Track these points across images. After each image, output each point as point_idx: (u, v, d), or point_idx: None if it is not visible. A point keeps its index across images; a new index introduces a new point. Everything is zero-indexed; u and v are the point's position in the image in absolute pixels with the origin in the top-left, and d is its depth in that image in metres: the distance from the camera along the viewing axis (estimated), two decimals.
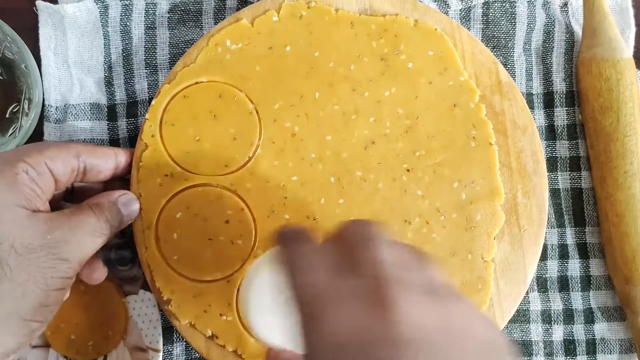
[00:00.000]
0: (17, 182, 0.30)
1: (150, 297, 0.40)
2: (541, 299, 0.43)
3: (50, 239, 0.30)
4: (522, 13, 0.43)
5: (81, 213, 0.32)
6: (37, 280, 0.30)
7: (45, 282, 0.30)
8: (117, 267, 0.40)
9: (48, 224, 0.30)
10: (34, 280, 0.29)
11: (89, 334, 0.41)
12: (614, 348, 0.43)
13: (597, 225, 0.43)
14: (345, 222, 0.28)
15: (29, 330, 0.30)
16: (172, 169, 0.38)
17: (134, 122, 0.42)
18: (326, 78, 0.39)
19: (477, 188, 0.39)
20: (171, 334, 0.42)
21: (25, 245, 0.29)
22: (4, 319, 0.29)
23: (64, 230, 0.31)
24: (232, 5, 0.42)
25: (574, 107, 0.44)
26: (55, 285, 0.31)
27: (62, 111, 0.42)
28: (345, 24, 0.40)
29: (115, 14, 0.42)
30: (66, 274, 0.31)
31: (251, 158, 0.39)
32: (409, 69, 0.40)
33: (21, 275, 0.29)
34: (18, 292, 0.29)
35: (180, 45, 0.42)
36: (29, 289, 0.29)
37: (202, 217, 0.38)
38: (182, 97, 0.39)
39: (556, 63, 0.44)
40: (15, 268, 0.29)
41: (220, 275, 0.38)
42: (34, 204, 0.31)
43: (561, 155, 0.44)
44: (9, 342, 0.29)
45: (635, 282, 0.41)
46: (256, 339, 0.32)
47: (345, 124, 0.39)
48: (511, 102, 0.40)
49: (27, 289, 0.29)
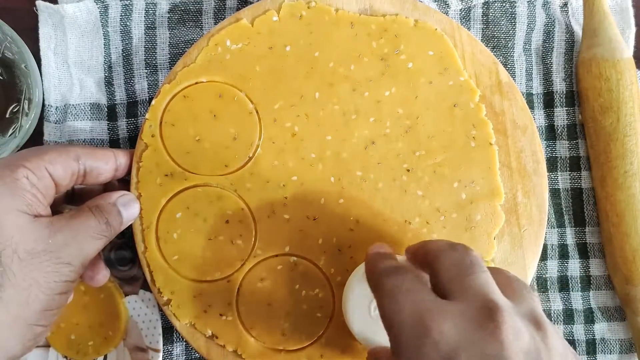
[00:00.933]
0: (17, 187, 0.30)
1: (150, 297, 0.40)
2: (541, 299, 0.43)
3: (53, 243, 0.30)
4: (522, 13, 0.43)
5: (82, 216, 0.32)
6: (40, 285, 0.30)
7: (48, 286, 0.30)
8: (117, 267, 0.40)
9: (50, 228, 0.30)
10: (37, 285, 0.29)
11: (89, 334, 0.41)
12: (614, 348, 0.43)
13: (597, 225, 0.43)
14: (437, 245, 0.30)
15: (34, 335, 0.30)
16: (172, 169, 0.38)
17: (134, 122, 0.42)
18: (326, 78, 0.39)
19: (477, 188, 0.39)
20: (171, 334, 0.42)
21: (28, 251, 0.29)
22: (9, 325, 0.29)
23: (65, 233, 0.31)
24: (232, 5, 0.42)
25: (574, 107, 0.44)
26: (59, 289, 0.31)
27: (62, 111, 0.42)
28: (345, 24, 0.40)
29: (115, 14, 0.42)
30: (69, 277, 0.31)
31: (251, 158, 0.39)
32: (409, 69, 0.40)
33: (25, 280, 0.29)
34: (22, 298, 0.29)
35: (180, 45, 0.42)
36: (33, 294, 0.29)
37: (202, 217, 0.38)
38: (182, 97, 0.39)
39: (556, 63, 0.44)
40: (18, 274, 0.29)
41: (220, 275, 0.38)
42: (35, 208, 0.31)
43: (561, 155, 0.44)
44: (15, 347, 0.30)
45: (635, 282, 0.41)
46: (358, 341, 0.35)
47: (346, 124, 0.39)
48: (511, 102, 0.40)
49: (31, 294, 0.29)
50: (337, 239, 0.39)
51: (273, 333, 0.38)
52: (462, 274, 0.27)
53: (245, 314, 0.38)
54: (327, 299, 0.38)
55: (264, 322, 0.38)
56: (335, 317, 0.38)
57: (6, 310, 0.29)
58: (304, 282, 0.38)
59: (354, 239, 0.39)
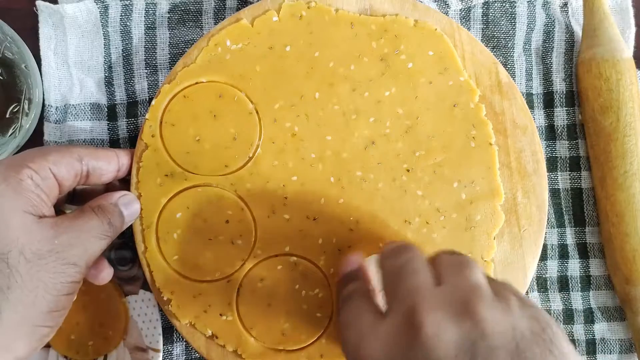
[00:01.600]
0: (22, 188, 0.30)
1: (150, 297, 0.40)
2: (541, 299, 0.43)
3: (58, 244, 0.30)
4: (522, 13, 0.43)
5: (85, 216, 0.32)
6: (47, 286, 0.30)
7: (55, 287, 0.30)
8: (117, 267, 0.40)
9: (55, 229, 0.30)
10: (44, 286, 0.29)
11: (89, 334, 0.41)
12: (614, 348, 0.43)
13: (597, 225, 0.43)
14: (383, 250, 0.32)
15: (40, 336, 0.30)
16: (172, 169, 0.38)
17: (134, 122, 0.42)
18: (326, 78, 0.39)
19: (477, 188, 0.39)
20: (171, 334, 0.42)
21: (34, 252, 0.29)
22: (16, 326, 0.29)
23: (70, 234, 0.31)
24: (232, 5, 0.42)
25: (574, 107, 0.44)
26: (65, 290, 0.31)
27: (62, 111, 0.42)
28: (345, 24, 0.40)
29: (115, 14, 0.42)
30: (75, 278, 0.31)
31: (251, 158, 0.39)
32: (409, 69, 0.40)
33: (32, 281, 0.29)
34: (29, 299, 0.29)
35: (180, 45, 0.42)
36: (40, 295, 0.29)
37: (202, 217, 0.38)
38: (182, 97, 0.39)
39: (556, 63, 0.44)
40: (25, 275, 0.29)
41: (220, 275, 0.38)
42: (40, 209, 0.31)
43: (561, 155, 0.44)
44: (21, 348, 0.30)
45: (635, 282, 0.41)
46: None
47: (345, 124, 0.39)
48: (511, 102, 0.40)
49: (37, 295, 0.29)
50: (337, 239, 0.39)
51: (273, 333, 0.38)
52: (394, 281, 0.28)
53: (245, 314, 0.38)
54: (327, 299, 0.38)
55: (264, 322, 0.38)
56: (335, 317, 0.38)
57: (13, 311, 0.29)
58: (304, 282, 0.38)
59: (354, 239, 0.39)
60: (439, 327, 0.24)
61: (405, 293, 0.26)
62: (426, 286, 0.26)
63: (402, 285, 0.27)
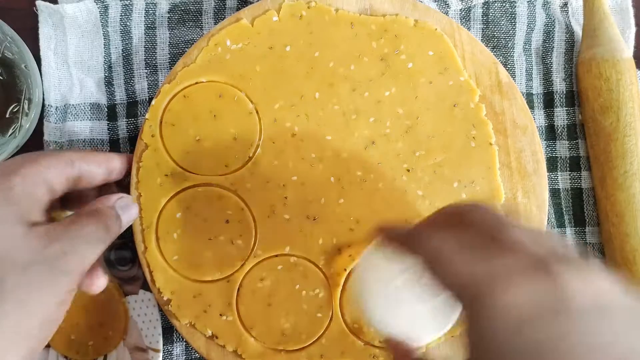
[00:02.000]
0: (13, 195, 0.29)
1: (150, 297, 0.40)
2: None
3: (50, 253, 0.29)
4: (522, 13, 0.43)
5: (80, 222, 0.31)
6: (40, 297, 0.29)
7: (48, 297, 0.29)
8: (117, 267, 0.40)
9: (47, 238, 0.30)
10: (37, 297, 0.29)
11: (89, 334, 0.41)
12: None
13: (597, 225, 0.43)
14: (461, 207, 0.28)
15: (35, 345, 0.30)
16: (172, 169, 0.38)
17: (134, 122, 0.42)
18: (326, 78, 0.39)
19: (477, 188, 0.39)
20: (171, 334, 0.42)
21: (25, 262, 0.29)
22: (10, 338, 0.28)
23: (63, 242, 0.30)
24: (232, 5, 0.42)
25: (574, 107, 0.44)
26: (59, 299, 0.30)
27: (62, 111, 0.42)
28: (345, 24, 0.40)
29: (115, 14, 0.42)
30: (68, 287, 0.30)
31: (251, 158, 0.39)
32: (409, 69, 0.40)
33: (24, 292, 0.28)
34: (22, 310, 0.28)
35: (180, 45, 0.42)
36: (32, 306, 0.29)
37: (202, 217, 0.38)
38: (182, 97, 0.39)
39: (556, 63, 0.44)
40: (17, 285, 0.28)
41: (220, 275, 0.38)
42: (31, 217, 0.30)
43: (561, 155, 0.44)
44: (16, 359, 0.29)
45: (635, 282, 0.41)
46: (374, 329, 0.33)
47: (346, 124, 0.39)
48: (511, 102, 0.40)
49: (29, 305, 0.29)
50: (337, 239, 0.39)
51: (273, 333, 0.38)
52: (496, 232, 0.25)
53: (245, 314, 0.38)
54: (327, 299, 0.38)
55: (264, 322, 0.38)
56: (335, 317, 0.38)
57: (5, 323, 0.28)
58: (304, 282, 0.38)
59: (354, 239, 0.39)
60: (576, 279, 0.22)
61: (519, 243, 0.24)
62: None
63: (509, 236, 0.24)
